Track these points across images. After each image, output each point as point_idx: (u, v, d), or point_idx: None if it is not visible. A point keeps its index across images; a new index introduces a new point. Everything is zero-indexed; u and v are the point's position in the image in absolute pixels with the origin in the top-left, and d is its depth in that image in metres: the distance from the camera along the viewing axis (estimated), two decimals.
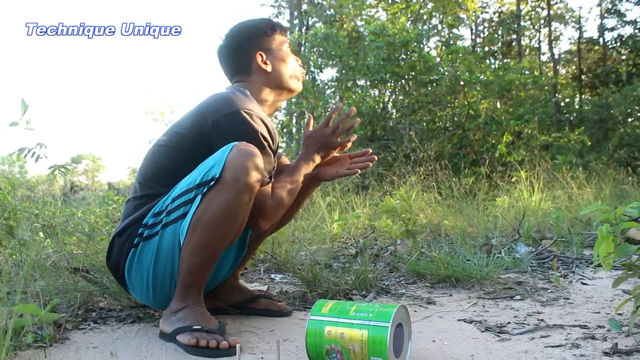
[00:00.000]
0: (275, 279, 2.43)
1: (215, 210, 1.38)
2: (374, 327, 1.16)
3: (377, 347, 1.14)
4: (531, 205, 4.17)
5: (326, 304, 1.25)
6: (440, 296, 2.06)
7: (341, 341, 1.17)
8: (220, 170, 1.38)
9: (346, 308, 1.22)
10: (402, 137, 8.55)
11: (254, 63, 1.68)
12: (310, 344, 1.21)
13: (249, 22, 1.74)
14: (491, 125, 8.95)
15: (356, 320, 1.18)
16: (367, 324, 1.17)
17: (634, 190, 5.44)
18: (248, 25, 1.73)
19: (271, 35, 1.72)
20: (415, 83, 9.44)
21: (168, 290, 1.48)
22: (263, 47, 1.70)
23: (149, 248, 1.47)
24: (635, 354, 1.30)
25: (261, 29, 1.71)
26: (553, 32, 16.16)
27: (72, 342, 1.45)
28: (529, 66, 11.93)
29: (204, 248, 1.41)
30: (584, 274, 2.40)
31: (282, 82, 1.72)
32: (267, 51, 1.70)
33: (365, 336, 1.15)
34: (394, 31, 8.92)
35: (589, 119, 10.69)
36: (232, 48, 1.70)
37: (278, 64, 1.71)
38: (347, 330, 1.18)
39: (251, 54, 1.68)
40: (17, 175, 6.92)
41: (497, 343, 1.45)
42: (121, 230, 1.53)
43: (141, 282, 1.49)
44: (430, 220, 3.70)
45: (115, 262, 1.54)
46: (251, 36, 1.70)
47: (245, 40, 1.70)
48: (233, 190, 1.38)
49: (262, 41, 1.71)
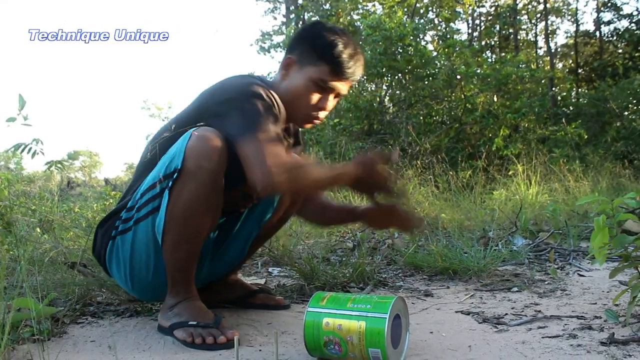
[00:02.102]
0: (272, 273, 2.43)
1: (185, 203, 1.36)
2: (372, 319, 1.16)
3: (374, 338, 1.14)
4: (528, 198, 4.18)
5: (324, 296, 1.25)
6: (437, 288, 2.07)
7: (339, 332, 1.18)
8: (181, 160, 1.34)
9: (344, 300, 1.22)
10: (399, 131, 8.55)
11: (282, 62, 1.59)
12: (308, 335, 1.21)
13: (332, 34, 1.52)
14: (488, 118, 8.95)
15: (354, 311, 1.18)
16: (364, 315, 1.17)
17: (630, 183, 5.46)
18: (325, 35, 1.52)
19: (325, 64, 1.51)
20: (412, 77, 9.42)
21: (146, 282, 1.48)
22: (302, 59, 1.54)
23: (125, 242, 1.46)
24: (632, 343, 1.30)
25: (327, 50, 1.51)
26: (550, 25, 16.16)
27: (70, 336, 1.45)
28: (525, 60, 11.91)
29: (184, 243, 1.40)
30: (580, 266, 2.41)
31: (289, 105, 1.54)
32: (300, 64, 1.54)
33: (363, 327, 1.16)
34: (390, 25, 8.89)
35: (585, 113, 10.71)
36: (297, 33, 1.62)
37: (298, 84, 1.54)
38: (345, 322, 1.18)
39: (292, 51, 1.57)
40: (14, 172, 6.90)
41: (494, 334, 1.45)
42: (102, 221, 1.55)
43: (119, 273, 1.51)
44: (427, 213, 3.70)
45: (97, 252, 1.56)
46: (310, 40, 1.54)
47: (305, 37, 1.56)
48: (198, 180, 1.35)
49: (309, 55, 1.53)
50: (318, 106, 1.56)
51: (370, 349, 1.15)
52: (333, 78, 1.53)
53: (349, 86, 1.58)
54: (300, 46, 1.56)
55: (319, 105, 1.55)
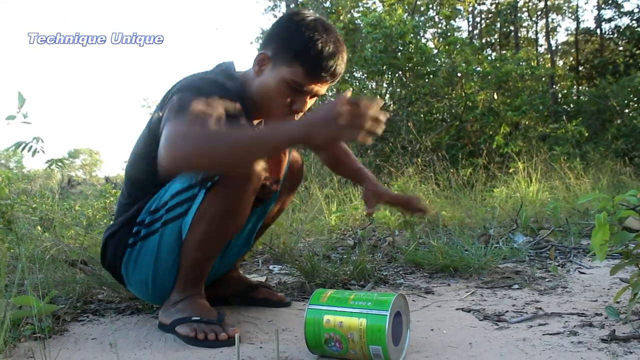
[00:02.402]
0: (273, 270, 2.43)
1: (219, 205, 1.37)
2: (373, 316, 1.16)
3: (375, 336, 1.15)
4: (529, 196, 4.18)
5: (324, 293, 1.26)
6: (438, 286, 2.07)
7: (340, 330, 1.18)
8: None
9: (345, 297, 1.23)
10: (400, 128, 8.54)
11: (255, 58, 1.45)
12: (309, 333, 1.21)
13: (309, 30, 1.36)
14: (488, 116, 8.95)
15: (355, 309, 1.18)
16: (365, 312, 1.17)
17: (631, 181, 5.45)
18: (301, 31, 1.36)
19: (299, 65, 1.36)
20: (413, 75, 9.41)
21: (168, 286, 1.48)
22: (276, 56, 1.40)
23: (148, 246, 1.44)
24: (633, 340, 1.30)
25: (301, 50, 1.35)
26: (550, 23, 16.14)
27: (71, 334, 1.45)
28: (526, 57, 11.90)
29: (206, 242, 1.41)
30: (581, 263, 2.41)
31: (261, 104, 1.45)
32: (274, 62, 1.41)
33: (364, 325, 1.16)
34: (391, 23, 8.88)
35: (586, 110, 10.71)
36: (273, 25, 1.45)
37: (270, 84, 1.42)
38: (346, 319, 1.18)
39: (267, 45, 1.43)
40: (15, 170, 6.91)
41: (495, 331, 1.45)
42: (113, 232, 1.50)
43: (140, 279, 1.48)
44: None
45: (111, 263, 1.53)
46: (285, 36, 1.39)
47: (280, 32, 1.42)
48: (238, 186, 1.36)
49: (283, 53, 1.38)
50: (292, 108, 1.44)
51: (371, 346, 1.15)
52: (308, 80, 1.39)
53: (327, 86, 1.46)
54: (274, 42, 1.42)
55: (293, 107, 1.44)
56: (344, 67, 1.43)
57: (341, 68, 1.42)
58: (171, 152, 1.16)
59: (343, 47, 1.41)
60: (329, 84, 1.45)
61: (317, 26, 1.38)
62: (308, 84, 1.39)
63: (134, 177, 1.52)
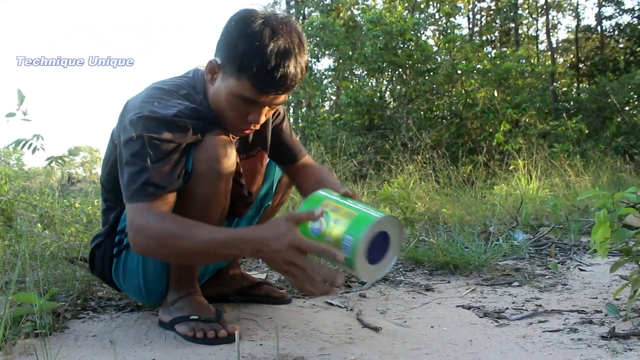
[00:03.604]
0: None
1: (195, 205, 1.34)
2: (366, 214, 1.15)
3: (357, 226, 1.12)
4: (529, 193, 4.18)
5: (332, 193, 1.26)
6: (438, 283, 2.07)
7: (330, 212, 1.16)
8: (190, 164, 1.32)
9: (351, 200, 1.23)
10: (400, 126, 8.55)
11: (206, 65, 1.34)
12: (304, 205, 1.22)
13: (254, 37, 1.22)
14: (488, 114, 8.95)
15: (356, 204, 1.19)
16: (363, 210, 1.17)
17: (631, 178, 5.45)
18: (245, 39, 1.23)
19: (246, 79, 1.25)
20: (413, 72, 9.42)
21: (161, 288, 1.47)
22: (225, 65, 1.29)
23: (133, 254, 1.42)
24: (633, 337, 1.31)
25: (246, 62, 1.23)
26: (551, 20, 16.12)
27: (71, 331, 1.45)
28: (526, 55, 11.89)
29: None
30: (581, 260, 2.41)
31: (217, 114, 1.37)
32: (223, 72, 1.30)
33: (354, 216, 1.14)
34: (391, 20, 8.89)
35: (586, 108, 10.71)
36: (222, 30, 1.31)
37: (220, 96, 1.33)
38: (343, 208, 1.17)
39: (217, 52, 1.32)
40: (15, 168, 6.91)
41: (495, 328, 1.45)
42: (99, 243, 1.49)
43: (132, 286, 1.48)
44: (428, 208, 3.70)
45: (100, 273, 1.53)
46: (231, 45, 1.26)
47: (226, 39, 1.28)
48: (209, 182, 1.33)
49: (230, 64, 1.26)
50: (247, 120, 1.34)
51: (346, 235, 1.12)
52: (257, 94, 1.28)
53: (284, 96, 1.34)
54: (222, 50, 1.30)
55: (248, 119, 1.34)
56: (299, 74, 1.28)
57: (293, 76, 1.26)
58: (136, 246, 1.25)
59: (298, 50, 1.26)
60: (285, 94, 1.33)
61: (265, 31, 1.22)
62: (259, 98, 1.28)
63: (105, 184, 1.51)
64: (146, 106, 1.29)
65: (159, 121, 1.26)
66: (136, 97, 1.36)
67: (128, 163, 1.27)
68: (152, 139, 1.25)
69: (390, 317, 1.59)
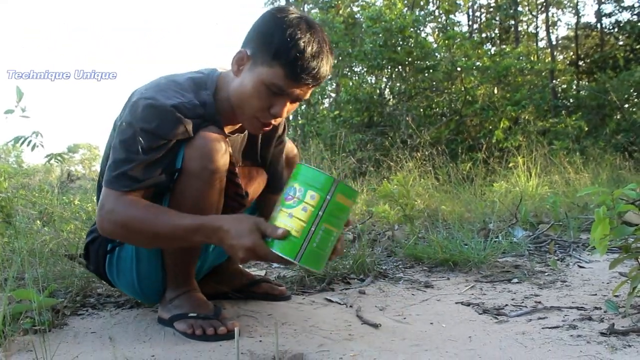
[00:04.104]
0: (272, 264, 2.43)
1: (188, 203, 1.33)
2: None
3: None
4: (528, 190, 4.17)
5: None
6: (438, 280, 2.07)
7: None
8: (180, 161, 1.32)
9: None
10: (399, 123, 8.54)
11: (235, 55, 1.35)
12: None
13: (292, 28, 1.26)
14: (488, 111, 8.95)
15: None
16: None
17: (630, 175, 5.45)
18: (283, 29, 1.26)
19: (280, 66, 1.26)
20: (412, 69, 9.41)
21: (157, 285, 1.47)
22: (256, 55, 1.30)
23: (127, 252, 1.43)
24: (632, 334, 1.31)
25: (282, 50, 1.25)
26: (550, 17, 16.10)
27: (71, 328, 1.45)
28: (526, 52, 11.88)
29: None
30: (581, 257, 2.41)
31: (238, 106, 1.37)
32: (253, 61, 1.31)
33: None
34: (390, 17, 8.87)
35: (586, 105, 10.70)
36: (255, 22, 1.34)
37: (247, 85, 1.32)
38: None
39: (247, 43, 1.33)
40: (14, 165, 6.90)
41: (494, 325, 1.45)
42: (93, 238, 1.49)
43: (127, 283, 1.47)
44: (427, 205, 3.70)
45: (95, 269, 1.53)
46: (265, 34, 1.28)
47: (261, 29, 1.31)
48: (202, 180, 1.33)
49: (263, 53, 1.28)
50: (270, 112, 1.34)
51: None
52: (288, 83, 1.28)
53: (310, 91, 1.36)
54: (254, 39, 1.31)
55: (271, 111, 1.33)
56: (328, 70, 1.32)
57: (325, 71, 1.30)
58: (102, 230, 1.31)
59: (328, 48, 1.32)
60: (312, 88, 1.35)
61: (301, 25, 1.27)
62: (288, 87, 1.29)
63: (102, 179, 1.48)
64: (148, 93, 1.31)
65: (155, 110, 1.28)
66: (144, 85, 1.38)
67: (116, 147, 1.30)
68: (142, 131, 1.27)
69: (390, 314, 1.59)
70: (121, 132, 1.30)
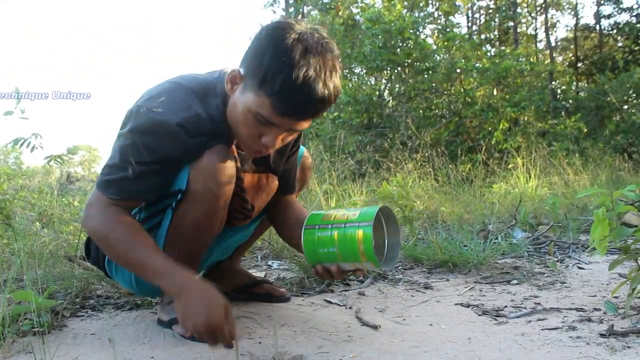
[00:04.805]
0: (272, 266, 2.43)
1: (189, 224, 1.32)
2: (367, 208, 1.31)
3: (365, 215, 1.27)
4: (528, 192, 4.18)
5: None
6: (437, 281, 2.07)
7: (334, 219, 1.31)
8: (185, 181, 1.28)
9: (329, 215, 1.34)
10: (399, 124, 8.54)
11: (229, 74, 1.25)
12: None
13: (286, 51, 1.12)
14: (487, 112, 8.95)
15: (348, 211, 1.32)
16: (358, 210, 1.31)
17: (629, 177, 5.46)
18: (276, 51, 1.13)
19: (265, 96, 1.14)
20: (412, 70, 9.41)
21: (156, 287, 1.46)
22: (247, 77, 1.19)
23: None
24: (631, 335, 1.31)
25: (269, 77, 1.12)
26: (549, 19, 16.12)
27: (70, 329, 1.45)
28: (525, 53, 11.89)
29: (184, 257, 1.36)
30: (580, 259, 2.41)
31: (231, 127, 1.28)
32: (245, 83, 1.20)
33: (357, 212, 1.30)
34: (390, 18, 8.87)
35: (585, 106, 10.72)
36: (253, 38, 1.22)
37: (237, 110, 1.23)
38: (342, 210, 1.34)
39: (242, 62, 1.22)
40: (13, 166, 6.90)
41: (494, 326, 1.45)
42: None
43: (124, 279, 1.47)
44: (427, 206, 3.70)
45: (94, 261, 1.52)
46: (258, 55, 1.16)
47: (256, 49, 1.18)
48: (206, 202, 1.30)
49: (253, 77, 1.16)
50: (261, 142, 1.24)
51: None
52: (274, 116, 1.16)
53: (307, 123, 1.22)
54: (248, 59, 1.20)
55: (262, 140, 1.24)
56: (326, 102, 1.16)
57: (320, 101, 1.15)
58: (84, 226, 1.33)
59: (326, 75, 1.15)
60: (307, 120, 1.22)
61: (295, 49, 1.12)
62: (275, 119, 1.17)
63: None
64: (153, 103, 1.25)
65: (160, 127, 1.22)
66: (153, 88, 1.32)
67: (115, 150, 1.29)
68: (142, 144, 1.23)
69: (389, 315, 1.59)
70: (123, 137, 1.26)
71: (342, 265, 1.30)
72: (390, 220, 1.38)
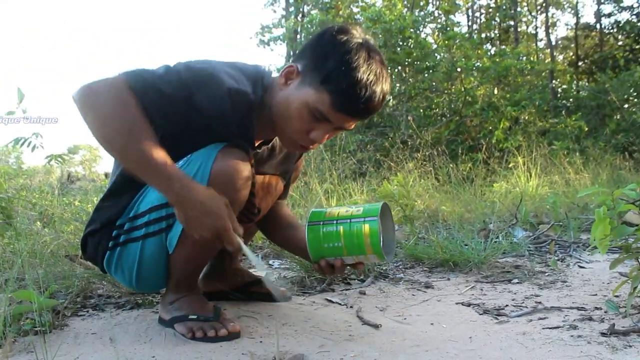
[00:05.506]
0: (273, 265, 2.43)
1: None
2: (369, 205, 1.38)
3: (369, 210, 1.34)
4: (528, 191, 4.18)
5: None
6: (438, 280, 2.07)
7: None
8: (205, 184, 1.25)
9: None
10: (399, 123, 8.55)
11: (284, 68, 1.29)
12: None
13: (348, 52, 1.20)
14: (488, 111, 8.96)
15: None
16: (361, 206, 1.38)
17: (630, 176, 5.46)
18: (339, 51, 1.20)
19: (327, 93, 1.20)
20: (412, 70, 9.42)
21: (154, 282, 1.46)
22: (305, 74, 1.24)
23: (129, 253, 1.39)
24: (632, 334, 1.31)
25: (333, 76, 1.19)
26: (550, 18, 16.11)
27: (71, 329, 1.45)
28: (525, 52, 11.89)
29: (197, 259, 1.38)
30: (581, 258, 2.41)
31: (278, 121, 1.30)
32: (302, 79, 1.25)
33: (360, 208, 1.37)
34: (390, 18, 8.88)
35: (586, 105, 10.72)
36: (313, 36, 1.30)
37: (291, 104, 1.26)
38: (345, 207, 1.40)
39: (299, 58, 1.28)
40: (14, 166, 6.91)
41: (495, 325, 1.45)
42: (94, 230, 1.44)
43: (123, 278, 1.45)
44: (427, 206, 3.70)
45: (91, 258, 1.49)
46: (319, 54, 1.23)
47: (316, 47, 1.25)
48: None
49: (313, 73, 1.22)
50: (310, 137, 1.28)
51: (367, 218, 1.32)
52: (334, 112, 1.22)
53: (356, 122, 1.30)
54: (308, 56, 1.26)
55: (310, 136, 1.28)
56: (381, 103, 1.25)
57: (377, 104, 1.24)
58: (82, 95, 1.15)
59: (385, 79, 1.24)
60: (359, 120, 1.29)
61: (360, 51, 1.20)
62: (332, 116, 1.23)
63: (113, 187, 1.43)
64: (212, 62, 1.25)
65: (210, 77, 1.21)
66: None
67: (159, 67, 1.23)
68: (186, 78, 1.19)
69: (390, 315, 1.59)
70: (173, 65, 1.22)
71: (345, 259, 1.37)
72: (387, 217, 1.43)
